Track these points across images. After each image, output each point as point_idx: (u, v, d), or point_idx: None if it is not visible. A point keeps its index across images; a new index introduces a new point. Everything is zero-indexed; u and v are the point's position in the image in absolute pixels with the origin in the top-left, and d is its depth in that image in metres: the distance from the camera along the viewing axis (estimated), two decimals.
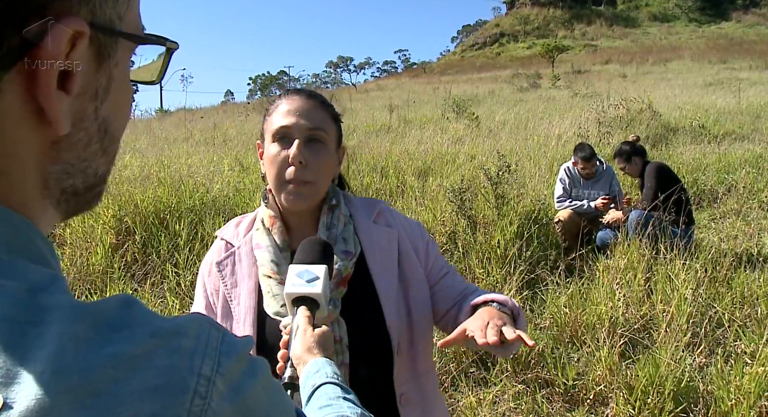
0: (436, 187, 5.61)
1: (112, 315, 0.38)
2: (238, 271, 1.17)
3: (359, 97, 26.29)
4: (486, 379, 3.03)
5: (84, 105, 0.43)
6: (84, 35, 0.40)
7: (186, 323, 0.39)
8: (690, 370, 2.81)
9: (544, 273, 3.93)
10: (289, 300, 0.98)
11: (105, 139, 0.46)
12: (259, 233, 1.18)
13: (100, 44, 0.43)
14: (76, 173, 0.45)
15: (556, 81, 24.05)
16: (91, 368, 0.34)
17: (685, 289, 3.37)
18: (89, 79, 0.43)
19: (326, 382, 0.84)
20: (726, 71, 26.09)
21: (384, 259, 1.18)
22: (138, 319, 0.38)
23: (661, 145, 8.65)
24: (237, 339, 0.42)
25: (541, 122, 10.68)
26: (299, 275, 0.98)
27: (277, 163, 1.12)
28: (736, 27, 65.93)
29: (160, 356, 0.36)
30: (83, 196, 0.47)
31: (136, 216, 4.55)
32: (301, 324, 0.95)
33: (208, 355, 0.38)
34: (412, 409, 1.15)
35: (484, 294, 1.16)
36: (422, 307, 1.20)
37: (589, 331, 3.23)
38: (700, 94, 15.88)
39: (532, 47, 62.55)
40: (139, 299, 0.41)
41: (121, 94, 0.47)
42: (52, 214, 0.45)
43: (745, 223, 5.27)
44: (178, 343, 0.38)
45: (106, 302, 0.39)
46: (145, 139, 10.87)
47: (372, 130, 11.34)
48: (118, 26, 0.44)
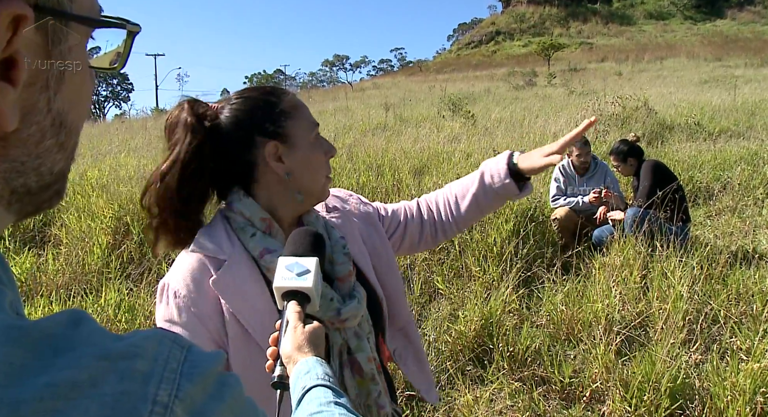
0: (432, 186, 5.61)
1: (55, 335, 0.33)
2: (243, 285, 1.05)
3: (355, 95, 26.27)
4: (483, 377, 3.03)
5: (34, 97, 0.39)
6: (27, 19, 0.35)
7: (142, 342, 0.35)
8: (686, 367, 2.82)
9: (541, 271, 3.94)
10: (279, 294, 0.94)
11: (61, 133, 0.42)
12: (260, 238, 1.08)
13: (48, 29, 0.38)
14: (28, 171, 0.40)
15: (552, 79, 24.11)
16: (24, 401, 0.29)
17: (680, 286, 3.38)
18: (38, 67, 0.38)
19: (317, 385, 0.80)
20: (721, 69, 26.16)
21: (353, 240, 1.23)
22: (86, 339, 0.34)
23: (656, 142, 8.66)
24: (203, 356, 0.37)
25: (536, 120, 10.69)
26: (289, 268, 0.94)
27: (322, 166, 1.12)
28: (731, 24, 66.12)
29: (109, 382, 0.32)
30: (39, 195, 0.43)
31: (134, 215, 4.55)
32: (292, 320, 0.90)
33: (166, 378, 0.34)
34: (406, 357, 1.30)
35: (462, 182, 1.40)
36: (387, 271, 1.27)
37: (585, 329, 3.23)
38: (695, 91, 15.92)
39: (528, 45, 62.63)
40: (90, 315, 0.36)
41: (78, 83, 0.43)
42: (2, 216, 0.41)
43: (740, 220, 5.28)
44: (132, 365, 0.33)
45: (51, 320, 0.34)
46: (140, 138, 10.84)
47: (368, 128, 11.33)
48: (68, 8, 0.39)
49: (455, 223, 1.38)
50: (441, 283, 3.88)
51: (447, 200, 1.38)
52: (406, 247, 1.38)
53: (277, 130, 1.08)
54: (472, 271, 3.93)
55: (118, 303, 3.39)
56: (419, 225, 1.37)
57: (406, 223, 1.36)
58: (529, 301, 3.75)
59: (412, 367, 1.32)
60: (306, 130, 1.11)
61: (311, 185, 1.12)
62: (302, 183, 1.10)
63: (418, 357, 1.34)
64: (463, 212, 1.36)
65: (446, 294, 3.78)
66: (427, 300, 3.86)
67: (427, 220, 1.38)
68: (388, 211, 1.36)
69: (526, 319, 3.48)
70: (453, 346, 3.21)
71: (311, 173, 1.11)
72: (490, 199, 1.35)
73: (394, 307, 1.28)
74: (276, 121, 1.08)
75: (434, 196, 1.41)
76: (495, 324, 3.24)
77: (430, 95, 19.58)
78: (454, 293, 3.72)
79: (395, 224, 1.36)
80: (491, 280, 3.80)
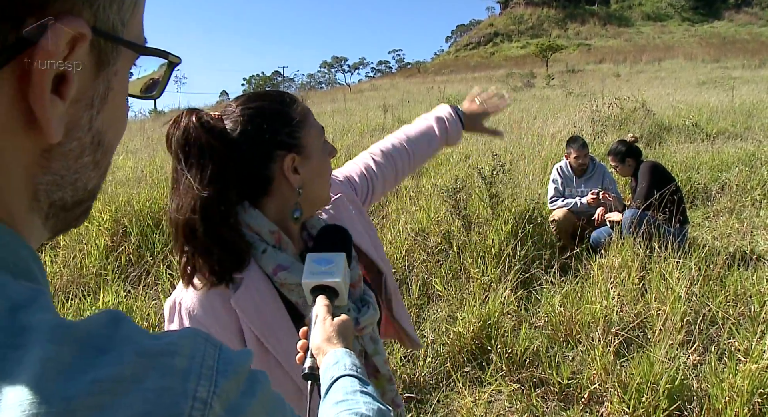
0: (430, 187, 5.61)
1: (97, 335, 0.35)
2: (261, 303, 1.02)
3: (354, 97, 26.28)
4: (481, 378, 3.03)
5: (79, 113, 0.40)
6: (84, 38, 0.37)
7: (179, 340, 0.37)
8: (684, 368, 2.82)
9: (539, 272, 3.94)
10: (307, 289, 0.96)
11: (98, 151, 0.44)
12: (271, 254, 1.03)
13: (101, 50, 0.40)
14: (65, 186, 0.42)
15: (550, 80, 24.11)
16: (74, 396, 0.31)
17: (679, 287, 3.38)
18: (86, 86, 0.40)
19: (344, 375, 0.83)
20: (719, 70, 26.20)
21: (353, 225, 1.24)
22: (126, 338, 0.35)
23: (654, 143, 8.67)
24: (234, 354, 0.39)
25: (535, 121, 10.70)
26: (317, 263, 0.96)
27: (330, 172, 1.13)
28: (729, 26, 66.27)
29: (151, 378, 0.33)
30: (71, 211, 0.44)
31: (132, 217, 4.54)
32: (320, 313, 0.93)
33: (204, 375, 0.36)
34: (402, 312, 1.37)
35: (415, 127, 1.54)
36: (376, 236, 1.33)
37: (583, 330, 3.24)
38: (693, 92, 15.94)
39: (526, 47, 62.71)
40: (127, 315, 0.38)
41: (118, 105, 0.45)
42: (39, 230, 0.42)
43: (738, 221, 5.29)
44: (171, 362, 0.35)
45: (92, 320, 0.36)
46: (138, 139, 10.83)
47: (366, 129, 11.33)
48: (121, 33, 0.41)
49: (410, 170, 1.52)
50: (439, 284, 3.88)
51: (407, 150, 1.48)
52: (375, 198, 1.44)
53: (294, 142, 1.04)
54: (471, 273, 3.93)
55: (116, 305, 3.39)
56: (381, 179, 1.42)
57: (372, 183, 1.41)
58: (527, 302, 3.75)
59: (405, 319, 1.37)
60: (317, 138, 1.08)
61: (321, 192, 1.11)
62: (312, 192, 1.08)
63: (405, 310, 1.40)
64: (419, 159, 1.51)
65: (444, 296, 3.78)
66: (426, 302, 3.86)
67: (388, 171, 1.44)
68: (357, 178, 1.39)
69: (524, 320, 3.48)
70: (451, 348, 3.21)
71: (322, 181, 1.10)
72: (438, 149, 1.56)
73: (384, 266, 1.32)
74: (292, 132, 1.04)
75: (390, 147, 1.47)
76: (493, 325, 3.24)
77: (429, 97, 19.58)
78: (453, 295, 3.72)
79: (364, 187, 1.39)
80: (489, 282, 3.80)
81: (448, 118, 1.55)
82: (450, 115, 1.56)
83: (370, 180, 1.40)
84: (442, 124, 1.54)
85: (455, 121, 1.55)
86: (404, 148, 1.47)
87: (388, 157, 1.45)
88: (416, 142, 1.50)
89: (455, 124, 1.55)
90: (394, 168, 1.45)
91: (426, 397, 2.92)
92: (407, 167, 1.49)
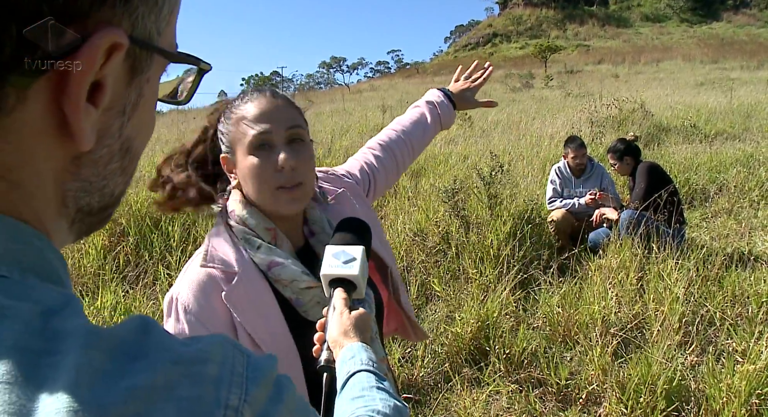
0: (428, 188, 5.62)
1: (129, 341, 0.35)
2: (254, 298, 1.04)
3: (352, 97, 26.29)
4: (479, 379, 3.03)
5: (110, 121, 0.41)
6: (122, 48, 0.37)
7: (209, 347, 0.37)
8: (682, 369, 2.82)
9: (537, 273, 3.94)
10: (326, 281, 0.97)
11: (126, 158, 0.44)
12: (266, 251, 1.07)
13: (136, 58, 0.40)
14: (93, 191, 0.42)
15: (549, 81, 24.12)
16: (110, 404, 0.31)
17: (677, 288, 3.39)
18: (119, 94, 0.40)
19: (361, 370, 0.82)
20: (717, 71, 26.24)
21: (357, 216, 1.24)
22: (158, 345, 0.35)
23: (653, 144, 8.68)
24: (262, 361, 0.39)
25: (533, 122, 10.71)
26: (336, 256, 0.97)
27: (264, 174, 1.05)
28: (727, 27, 66.34)
29: (184, 386, 0.33)
30: (96, 215, 0.45)
31: (130, 217, 4.54)
32: (338, 306, 0.93)
33: (235, 382, 0.36)
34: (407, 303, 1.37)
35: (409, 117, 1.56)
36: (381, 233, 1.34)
37: (581, 331, 3.24)
38: (691, 93, 15.97)
39: (525, 47, 62.75)
40: (156, 321, 0.38)
41: (147, 112, 0.45)
42: (65, 234, 0.43)
43: (736, 222, 5.30)
44: (203, 370, 0.35)
45: (123, 327, 0.36)
46: None
47: (365, 130, 11.34)
48: (156, 41, 0.41)
49: (411, 159, 1.53)
50: (438, 285, 3.88)
51: (404, 140, 1.50)
52: (372, 196, 1.44)
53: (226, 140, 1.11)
54: (469, 274, 3.93)
55: (114, 305, 3.38)
56: (383, 171, 1.43)
57: (374, 177, 1.41)
58: (525, 303, 3.75)
59: (405, 302, 1.38)
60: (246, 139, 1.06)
61: (255, 196, 1.08)
62: (248, 193, 1.09)
63: (408, 301, 1.41)
64: (418, 147, 1.53)
65: (443, 296, 3.78)
66: (424, 302, 3.86)
67: (389, 164, 1.45)
68: (357, 173, 1.39)
69: (522, 321, 3.48)
70: (449, 348, 3.21)
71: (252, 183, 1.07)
72: (434, 133, 1.58)
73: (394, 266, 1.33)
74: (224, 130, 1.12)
75: (387, 140, 1.49)
76: (492, 326, 3.24)
77: None
78: (451, 295, 3.72)
79: (366, 182, 1.40)
80: (488, 283, 3.80)
81: (437, 101, 1.58)
82: (438, 97, 1.59)
83: (371, 173, 1.41)
84: (433, 108, 1.57)
85: (446, 104, 1.58)
86: (401, 139, 1.49)
87: (387, 150, 1.46)
88: (411, 131, 1.52)
89: (446, 107, 1.58)
90: (394, 159, 1.46)
91: (424, 397, 2.92)
92: (407, 157, 1.50)
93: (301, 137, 1.09)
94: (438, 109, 1.57)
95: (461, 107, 1.63)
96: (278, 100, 1.09)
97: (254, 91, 1.12)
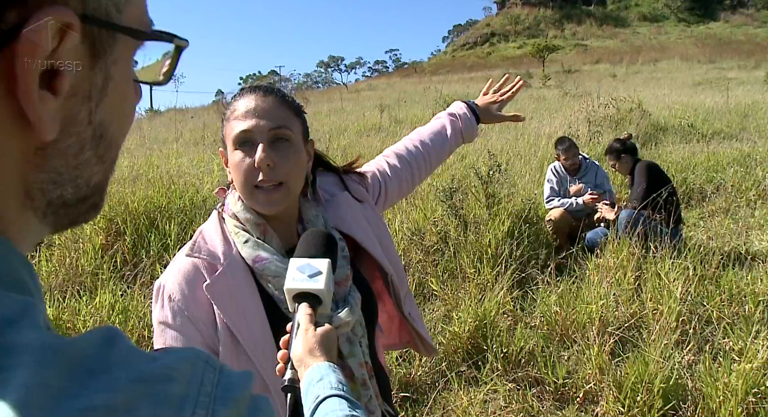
0: (426, 187, 5.61)
1: (90, 356, 0.32)
2: (236, 292, 1.06)
3: (350, 96, 26.27)
4: (477, 378, 3.03)
5: (76, 107, 0.38)
6: (74, 28, 0.34)
7: (177, 364, 0.34)
8: (679, 368, 2.83)
9: (535, 272, 3.94)
10: (290, 296, 0.93)
11: (101, 145, 0.41)
12: (252, 245, 1.08)
13: (95, 39, 0.37)
14: (65, 183, 0.40)
15: (547, 80, 24.16)
16: None
17: (674, 287, 3.39)
18: (82, 78, 0.37)
19: (332, 396, 0.78)
20: (714, 71, 26.32)
21: (357, 223, 1.23)
22: (121, 360, 0.33)
23: (650, 144, 8.70)
24: (235, 378, 0.36)
25: (531, 122, 10.71)
26: (300, 270, 0.93)
27: (243, 170, 1.06)
28: (724, 27, 66.45)
29: (145, 407, 0.31)
30: (75, 207, 0.42)
31: (127, 216, 4.53)
32: (303, 322, 0.89)
33: (201, 403, 0.33)
34: (414, 316, 1.33)
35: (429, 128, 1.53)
36: (389, 238, 1.32)
37: (579, 330, 3.24)
38: (689, 93, 15.99)
39: (523, 47, 62.73)
40: (122, 332, 0.35)
41: (122, 96, 0.42)
42: (36, 227, 0.40)
43: (733, 222, 5.31)
44: (167, 389, 0.32)
45: (84, 340, 0.33)
46: (134, 139, 10.81)
47: (363, 129, 11.33)
48: (117, 19, 0.38)
49: (427, 170, 1.50)
50: (435, 284, 3.88)
51: (421, 151, 1.47)
52: (389, 202, 1.43)
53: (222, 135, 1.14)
54: (467, 273, 3.93)
55: (111, 304, 3.38)
56: (396, 182, 1.41)
57: (386, 185, 1.39)
58: (523, 302, 3.76)
59: (419, 323, 1.35)
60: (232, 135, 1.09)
61: (240, 192, 1.11)
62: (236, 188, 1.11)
63: (418, 314, 1.38)
64: (435, 159, 1.50)
65: (440, 295, 3.78)
66: (422, 301, 3.86)
67: (403, 174, 1.42)
68: (369, 180, 1.37)
69: (520, 320, 3.48)
70: (447, 348, 3.21)
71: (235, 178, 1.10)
72: (455, 146, 1.54)
73: (400, 273, 1.31)
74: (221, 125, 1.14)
75: (404, 149, 1.46)
76: (489, 325, 3.24)
77: (425, 96, 19.59)
78: (449, 294, 3.73)
79: (377, 190, 1.37)
80: (486, 282, 3.80)
81: (460, 113, 1.55)
82: (461, 109, 1.56)
83: (383, 181, 1.39)
84: (455, 120, 1.54)
85: (468, 117, 1.55)
86: (418, 150, 1.47)
87: (402, 159, 1.44)
88: (429, 143, 1.49)
89: (468, 120, 1.54)
90: (409, 169, 1.44)
91: (422, 396, 2.92)
92: (423, 168, 1.48)
93: (286, 137, 1.09)
94: (460, 122, 1.54)
95: (486, 121, 1.59)
96: (269, 99, 1.10)
97: (248, 89, 1.13)
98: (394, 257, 1.31)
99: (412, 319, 1.33)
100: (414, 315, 1.34)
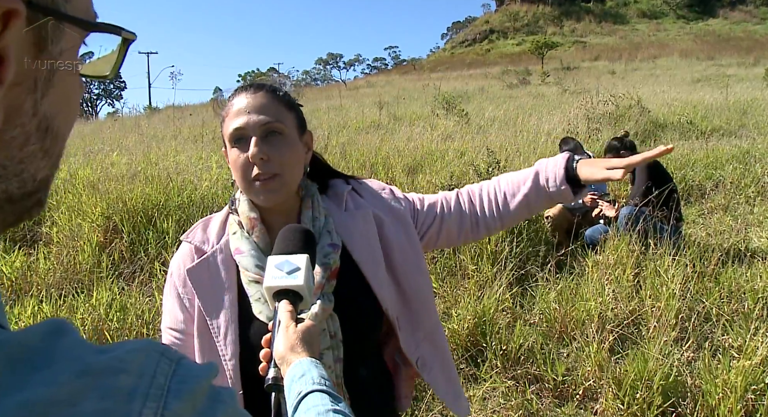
0: (425, 184, 5.60)
1: (35, 349, 0.31)
2: (215, 279, 1.11)
3: (349, 93, 26.24)
4: (476, 375, 3.03)
5: (20, 97, 0.36)
6: (18, 14, 0.33)
7: (128, 356, 0.33)
8: (678, 365, 2.83)
9: (534, 269, 3.94)
10: (270, 294, 0.92)
11: (46, 138, 0.39)
12: (237, 237, 1.14)
13: (41, 27, 0.36)
14: (9, 177, 0.38)
15: (546, 77, 24.15)
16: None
17: (673, 284, 3.39)
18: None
19: (314, 391, 0.77)
20: (713, 68, 26.30)
21: (365, 243, 1.17)
22: (66, 353, 0.31)
23: (649, 141, 8.70)
24: (194, 370, 0.35)
25: (530, 118, 10.70)
26: (279, 267, 0.91)
27: (240, 166, 1.10)
28: (723, 24, 66.47)
29: (90, 400, 0.29)
30: (20, 203, 0.40)
31: (124, 214, 4.52)
32: (284, 319, 0.88)
33: (153, 395, 0.32)
34: (431, 366, 1.23)
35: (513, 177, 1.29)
36: (413, 273, 1.21)
37: (578, 327, 3.24)
38: (688, 90, 15.99)
39: (522, 44, 62.76)
40: (72, 325, 0.33)
41: (67, 88, 0.41)
42: None
43: (732, 219, 5.31)
44: (114, 382, 0.31)
45: (30, 332, 0.32)
46: (132, 136, 10.78)
47: (362, 126, 11.31)
48: (63, 8, 0.37)
49: (500, 219, 1.28)
50: (434, 281, 3.87)
51: (495, 195, 1.28)
52: (443, 241, 1.30)
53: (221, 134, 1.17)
54: (467, 270, 3.93)
55: (109, 302, 3.37)
56: (458, 219, 1.28)
57: (442, 217, 1.27)
58: (522, 299, 3.75)
59: (437, 376, 1.24)
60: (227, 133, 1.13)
61: (240, 187, 1.15)
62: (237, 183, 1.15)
63: (444, 365, 1.27)
64: (512, 210, 1.26)
65: (440, 292, 3.78)
66: None
67: (468, 214, 1.28)
68: (424, 206, 1.29)
69: (519, 317, 3.48)
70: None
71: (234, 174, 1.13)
72: (540, 200, 1.26)
73: (421, 310, 1.22)
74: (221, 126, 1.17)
75: (479, 190, 1.31)
76: (488, 322, 3.24)
77: (424, 94, 19.58)
78: (448, 292, 3.72)
79: (431, 219, 1.27)
80: (485, 279, 3.80)
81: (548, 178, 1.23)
82: (555, 173, 1.22)
83: (441, 211, 1.28)
84: (541, 170, 1.25)
85: (556, 185, 1.21)
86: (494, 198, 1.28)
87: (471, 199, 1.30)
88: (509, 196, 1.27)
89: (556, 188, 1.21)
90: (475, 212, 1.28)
91: (420, 394, 2.92)
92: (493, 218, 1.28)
93: (278, 130, 1.10)
94: (546, 189, 1.23)
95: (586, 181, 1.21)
96: (259, 95, 1.12)
97: (241, 87, 1.16)
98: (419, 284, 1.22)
99: (421, 366, 1.21)
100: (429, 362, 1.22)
